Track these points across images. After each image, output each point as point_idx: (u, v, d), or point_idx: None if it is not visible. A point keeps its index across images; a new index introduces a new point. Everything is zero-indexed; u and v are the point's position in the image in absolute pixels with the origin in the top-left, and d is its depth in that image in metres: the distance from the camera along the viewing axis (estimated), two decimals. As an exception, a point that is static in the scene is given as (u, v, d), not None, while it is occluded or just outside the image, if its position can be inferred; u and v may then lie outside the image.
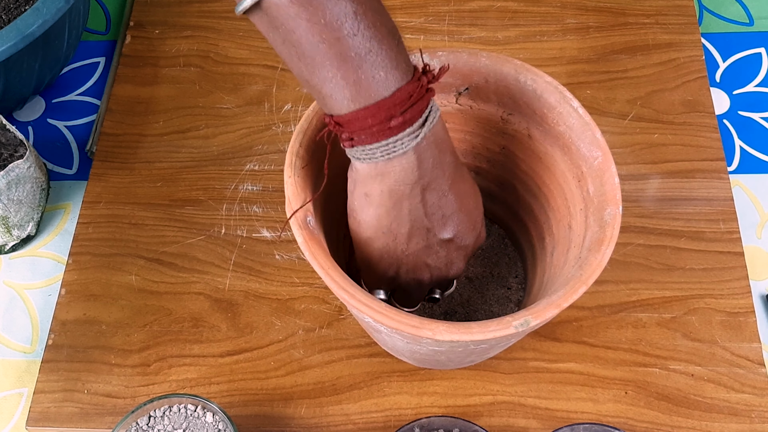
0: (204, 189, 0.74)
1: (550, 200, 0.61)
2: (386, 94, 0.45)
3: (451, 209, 0.52)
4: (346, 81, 0.44)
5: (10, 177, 0.67)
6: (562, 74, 0.78)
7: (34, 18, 0.67)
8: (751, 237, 0.71)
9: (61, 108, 0.81)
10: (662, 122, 0.75)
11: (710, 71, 0.80)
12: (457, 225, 0.53)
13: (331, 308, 0.67)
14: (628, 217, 0.70)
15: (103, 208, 0.73)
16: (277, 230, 0.71)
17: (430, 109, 0.47)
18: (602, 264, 0.52)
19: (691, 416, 0.62)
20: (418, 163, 0.48)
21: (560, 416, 0.62)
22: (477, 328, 0.49)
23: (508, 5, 0.83)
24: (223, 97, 0.79)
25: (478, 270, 0.67)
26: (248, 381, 0.65)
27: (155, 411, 0.59)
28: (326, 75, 0.45)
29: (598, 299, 0.67)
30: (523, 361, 0.64)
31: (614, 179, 0.54)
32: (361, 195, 0.51)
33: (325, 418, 0.63)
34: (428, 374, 0.64)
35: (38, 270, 0.72)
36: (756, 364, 0.64)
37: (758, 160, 0.75)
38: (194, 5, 0.85)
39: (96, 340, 0.67)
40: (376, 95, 0.45)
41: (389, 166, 0.48)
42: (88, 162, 0.77)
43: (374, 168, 0.48)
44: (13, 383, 0.67)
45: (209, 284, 0.69)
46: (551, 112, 0.57)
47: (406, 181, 0.49)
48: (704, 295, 0.67)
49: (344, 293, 0.50)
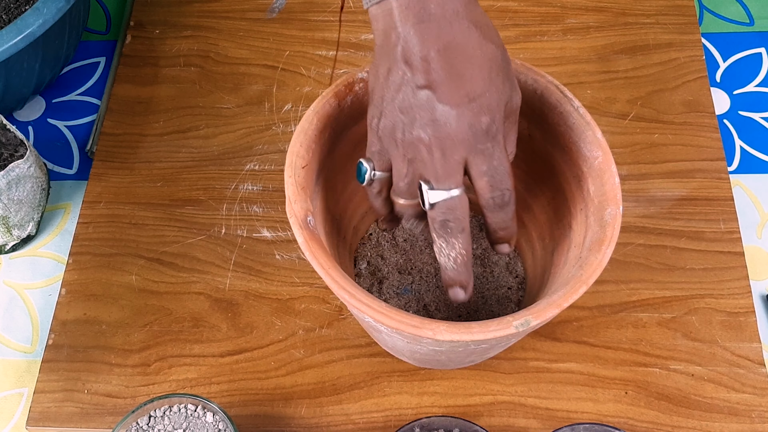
0: (204, 189, 0.74)
1: (550, 200, 0.61)
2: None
3: (434, 50, 0.48)
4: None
5: (10, 177, 0.67)
6: (562, 74, 0.78)
7: (34, 18, 0.67)
8: (751, 237, 0.71)
9: (62, 108, 0.81)
10: (662, 122, 0.75)
11: (710, 71, 0.80)
12: (437, 70, 0.47)
13: (331, 308, 0.67)
14: (629, 217, 0.70)
15: (103, 208, 0.73)
16: (277, 230, 0.71)
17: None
18: (603, 264, 0.52)
19: (691, 416, 0.62)
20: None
21: (560, 416, 0.62)
22: (477, 327, 0.49)
23: (508, 5, 0.83)
24: (224, 97, 0.79)
25: (478, 270, 0.67)
26: (248, 381, 0.65)
27: (155, 411, 0.59)
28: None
29: (598, 299, 0.67)
30: (523, 361, 0.64)
31: (614, 179, 0.54)
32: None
33: (325, 418, 0.63)
34: (428, 374, 0.64)
35: (38, 270, 0.72)
36: (756, 364, 0.64)
37: (758, 160, 0.75)
38: (194, 5, 0.85)
39: (96, 340, 0.67)
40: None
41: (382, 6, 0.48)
42: (88, 162, 0.77)
43: (375, 9, 0.49)
44: (13, 383, 0.67)
45: (209, 284, 0.69)
46: (552, 112, 0.57)
47: (393, 21, 0.48)
48: (704, 295, 0.67)
49: (344, 293, 0.50)
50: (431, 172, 0.50)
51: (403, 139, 0.50)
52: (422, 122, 0.48)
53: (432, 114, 0.48)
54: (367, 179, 0.54)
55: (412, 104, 0.48)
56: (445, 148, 0.48)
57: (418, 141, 0.49)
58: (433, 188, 0.50)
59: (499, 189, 0.51)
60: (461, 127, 0.48)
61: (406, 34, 0.48)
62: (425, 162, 0.49)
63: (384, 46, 0.50)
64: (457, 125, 0.48)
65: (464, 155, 0.49)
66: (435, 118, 0.48)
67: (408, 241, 0.68)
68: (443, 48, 0.47)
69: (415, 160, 0.50)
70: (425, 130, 0.48)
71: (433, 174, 0.50)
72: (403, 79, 0.48)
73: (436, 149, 0.49)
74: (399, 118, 0.49)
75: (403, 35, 0.48)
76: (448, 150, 0.48)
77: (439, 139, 0.48)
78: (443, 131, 0.48)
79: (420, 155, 0.49)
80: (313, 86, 0.79)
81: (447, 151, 0.48)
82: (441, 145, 0.48)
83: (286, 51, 0.81)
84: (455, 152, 0.49)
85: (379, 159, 0.53)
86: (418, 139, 0.49)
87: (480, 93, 0.48)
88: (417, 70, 0.48)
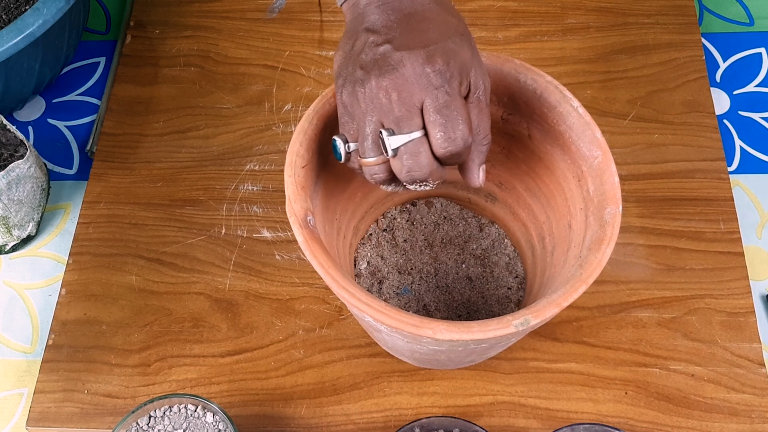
0: (204, 189, 0.74)
1: (550, 200, 0.61)
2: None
3: (395, 18, 0.51)
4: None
5: (11, 177, 0.67)
6: (562, 74, 0.78)
7: (34, 18, 0.67)
8: (751, 237, 0.71)
9: (62, 108, 0.81)
10: (662, 122, 0.75)
11: (710, 71, 0.80)
12: (396, 29, 0.51)
13: (331, 308, 0.67)
14: (628, 217, 0.70)
15: (103, 208, 0.73)
16: (277, 230, 0.71)
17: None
18: (602, 263, 0.52)
19: (691, 416, 0.62)
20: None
21: (560, 416, 0.62)
22: (477, 327, 0.49)
23: (508, 5, 0.83)
24: (223, 97, 0.79)
25: (478, 270, 0.67)
26: (248, 381, 0.65)
27: (155, 411, 0.59)
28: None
29: (598, 299, 0.67)
30: (523, 361, 0.64)
31: (614, 179, 0.54)
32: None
33: (325, 418, 0.63)
34: (428, 374, 0.64)
35: (38, 270, 0.72)
36: (756, 365, 0.64)
37: (758, 160, 0.75)
38: (194, 5, 0.85)
39: (96, 340, 0.67)
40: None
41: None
42: (88, 162, 0.77)
43: (346, 6, 0.54)
44: (13, 383, 0.67)
45: (209, 284, 0.69)
46: (551, 111, 0.57)
47: (359, 7, 0.52)
48: (704, 295, 0.67)
49: (344, 293, 0.50)
50: (390, 117, 0.51)
51: (363, 93, 0.51)
52: (380, 70, 0.50)
53: (389, 61, 0.50)
54: (344, 154, 0.55)
55: (371, 59, 0.51)
56: (401, 89, 0.50)
57: (376, 88, 0.51)
58: (393, 134, 0.51)
59: (453, 142, 0.51)
60: (416, 68, 0.50)
61: (371, 12, 0.52)
62: (384, 108, 0.51)
63: (351, 28, 0.53)
64: (412, 66, 0.50)
65: (421, 97, 0.50)
66: (391, 63, 0.50)
67: (408, 242, 0.68)
68: (404, 16, 0.51)
69: (375, 110, 0.51)
70: (384, 75, 0.50)
71: (393, 118, 0.51)
72: (365, 42, 0.51)
73: (393, 91, 0.50)
74: (360, 74, 0.51)
75: (367, 13, 0.52)
76: (404, 91, 0.50)
77: (395, 81, 0.50)
78: (398, 73, 0.50)
79: (378, 101, 0.51)
80: (313, 86, 0.79)
81: (403, 92, 0.50)
82: (397, 87, 0.50)
83: (286, 51, 0.81)
84: (412, 94, 0.50)
85: (349, 130, 0.54)
86: (377, 87, 0.51)
87: (435, 42, 0.50)
88: (378, 34, 0.51)
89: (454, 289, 0.66)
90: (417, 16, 0.51)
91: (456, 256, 0.67)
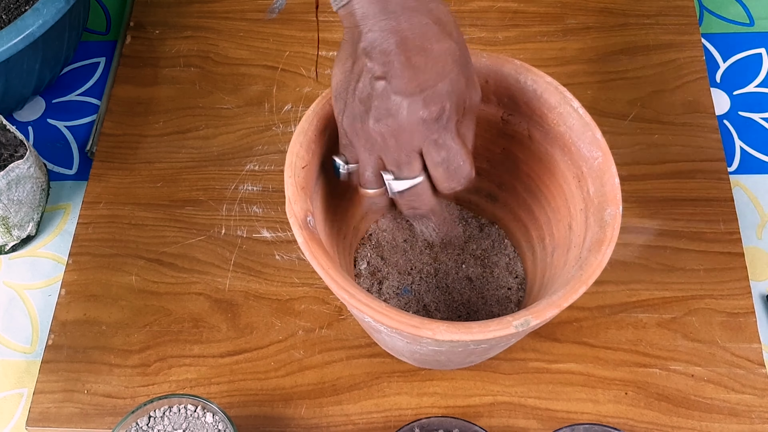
0: (204, 189, 0.74)
1: (550, 201, 0.61)
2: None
3: (392, 42, 0.49)
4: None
5: (10, 177, 0.67)
6: (562, 75, 0.77)
7: (34, 18, 0.67)
8: (751, 237, 0.71)
9: (61, 108, 0.81)
10: (662, 123, 0.75)
11: (710, 72, 0.80)
12: (393, 61, 0.49)
13: (331, 308, 0.67)
14: (628, 218, 0.70)
15: (103, 209, 0.73)
16: (277, 230, 0.71)
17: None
18: (602, 264, 0.52)
19: (691, 417, 0.62)
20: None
21: (560, 417, 0.62)
22: (477, 327, 0.49)
23: (508, 5, 0.83)
24: (223, 97, 0.79)
25: (478, 270, 0.67)
26: (248, 381, 0.65)
27: (155, 411, 0.59)
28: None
29: (598, 300, 0.67)
30: (523, 361, 0.64)
31: (614, 179, 0.54)
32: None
33: (325, 418, 0.63)
34: (428, 374, 0.64)
35: (38, 270, 0.72)
36: (756, 365, 0.64)
37: (758, 160, 0.75)
38: (194, 5, 0.85)
39: (96, 340, 0.67)
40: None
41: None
42: (88, 162, 0.77)
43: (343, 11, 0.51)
44: (13, 383, 0.67)
45: (209, 285, 0.69)
46: (552, 112, 0.57)
47: (356, 19, 0.50)
48: (704, 295, 0.67)
49: (344, 293, 0.50)
50: (391, 161, 0.52)
51: (363, 129, 0.52)
52: (378, 113, 0.50)
53: (387, 104, 0.50)
54: (343, 174, 0.56)
55: (370, 94, 0.50)
56: (399, 137, 0.51)
57: (375, 132, 0.51)
58: (396, 178, 0.52)
59: (456, 179, 0.52)
60: (412, 117, 0.50)
61: (368, 29, 0.50)
62: (383, 149, 0.52)
63: (348, 41, 0.52)
64: (408, 115, 0.50)
65: (418, 144, 0.51)
66: (389, 107, 0.50)
67: (408, 242, 0.68)
68: (401, 41, 0.49)
69: (375, 150, 0.52)
70: (381, 120, 0.50)
71: (394, 163, 0.52)
72: (363, 69, 0.51)
73: (391, 138, 0.51)
74: (359, 108, 0.51)
75: (365, 30, 0.50)
76: (402, 140, 0.51)
77: (393, 129, 0.50)
78: (396, 121, 0.50)
79: (378, 145, 0.52)
80: (313, 87, 0.79)
81: (401, 140, 0.51)
82: (395, 134, 0.51)
83: (286, 51, 0.81)
84: (409, 142, 0.51)
85: (350, 152, 0.55)
86: (375, 130, 0.51)
87: (432, 84, 0.50)
88: (376, 61, 0.50)
89: (454, 289, 0.66)
90: (415, 41, 0.49)
91: (456, 256, 0.67)
